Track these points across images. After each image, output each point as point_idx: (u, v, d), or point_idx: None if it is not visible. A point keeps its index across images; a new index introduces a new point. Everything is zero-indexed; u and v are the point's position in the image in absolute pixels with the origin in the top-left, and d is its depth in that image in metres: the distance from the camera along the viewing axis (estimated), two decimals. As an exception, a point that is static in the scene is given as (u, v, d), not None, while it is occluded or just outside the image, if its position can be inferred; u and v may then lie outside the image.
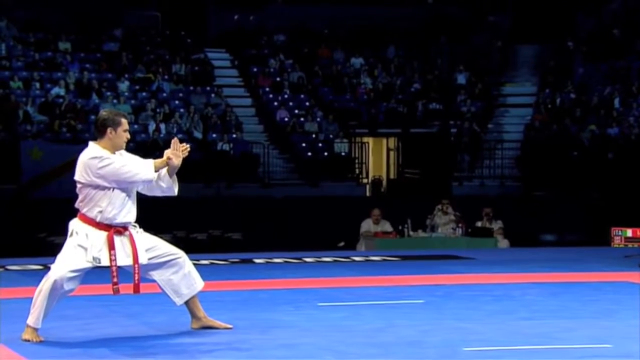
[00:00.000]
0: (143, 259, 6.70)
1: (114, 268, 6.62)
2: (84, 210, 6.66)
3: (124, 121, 6.74)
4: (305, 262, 12.63)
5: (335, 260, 12.79)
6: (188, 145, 6.75)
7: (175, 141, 6.72)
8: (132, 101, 22.13)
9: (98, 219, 6.62)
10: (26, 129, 20.36)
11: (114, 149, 6.70)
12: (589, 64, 24.93)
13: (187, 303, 6.93)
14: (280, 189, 20.68)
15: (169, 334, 6.93)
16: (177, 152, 6.68)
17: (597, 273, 11.14)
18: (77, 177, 6.67)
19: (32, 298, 6.66)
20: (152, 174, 6.66)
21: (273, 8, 26.23)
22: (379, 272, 11.55)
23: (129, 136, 6.78)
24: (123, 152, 6.78)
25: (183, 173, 6.93)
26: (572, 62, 25.24)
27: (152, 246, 6.80)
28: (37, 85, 22.00)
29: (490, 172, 22.37)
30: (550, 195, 20.91)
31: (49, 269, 6.68)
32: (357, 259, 13.15)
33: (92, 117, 21.08)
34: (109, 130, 6.67)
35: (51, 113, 20.96)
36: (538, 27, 25.94)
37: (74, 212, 6.79)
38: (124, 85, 22.48)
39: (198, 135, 21.43)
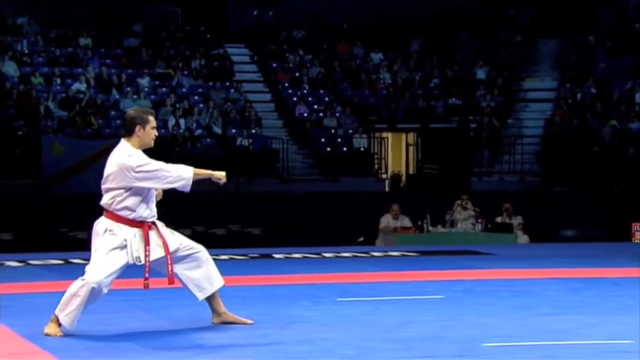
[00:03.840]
0: (172, 248, 6.73)
1: (148, 264, 6.65)
2: (113, 209, 6.62)
3: (152, 118, 6.78)
4: (325, 257, 12.64)
5: (354, 256, 12.79)
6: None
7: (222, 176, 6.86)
8: (152, 96, 22.19)
9: (131, 217, 6.64)
10: (47, 125, 20.46)
11: (142, 147, 6.73)
12: (610, 58, 24.76)
13: (208, 299, 6.97)
14: (299, 184, 20.68)
15: (189, 329, 6.95)
16: (221, 179, 6.84)
17: (618, 269, 11.11)
18: (110, 180, 6.61)
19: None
20: (190, 182, 6.66)
21: (292, 3, 26.22)
22: (398, 267, 11.55)
23: (156, 133, 6.81)
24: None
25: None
26: (593, 56, 25.08)
27: (172, 240, 6.82)
28: (58, 80, 22.10)
29: (510, 167, 22.30)
30: (570, 190, 20.81)
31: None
32: (376, 254, 13.15)
33: (112, 112, 21.19)
34: (137, 128, 6.70)
35: (72, 108, 21.05)
36: (559, 22, 25.79)
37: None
38: (144, 81, 22.55)
39: (217, 130, 21.48)
